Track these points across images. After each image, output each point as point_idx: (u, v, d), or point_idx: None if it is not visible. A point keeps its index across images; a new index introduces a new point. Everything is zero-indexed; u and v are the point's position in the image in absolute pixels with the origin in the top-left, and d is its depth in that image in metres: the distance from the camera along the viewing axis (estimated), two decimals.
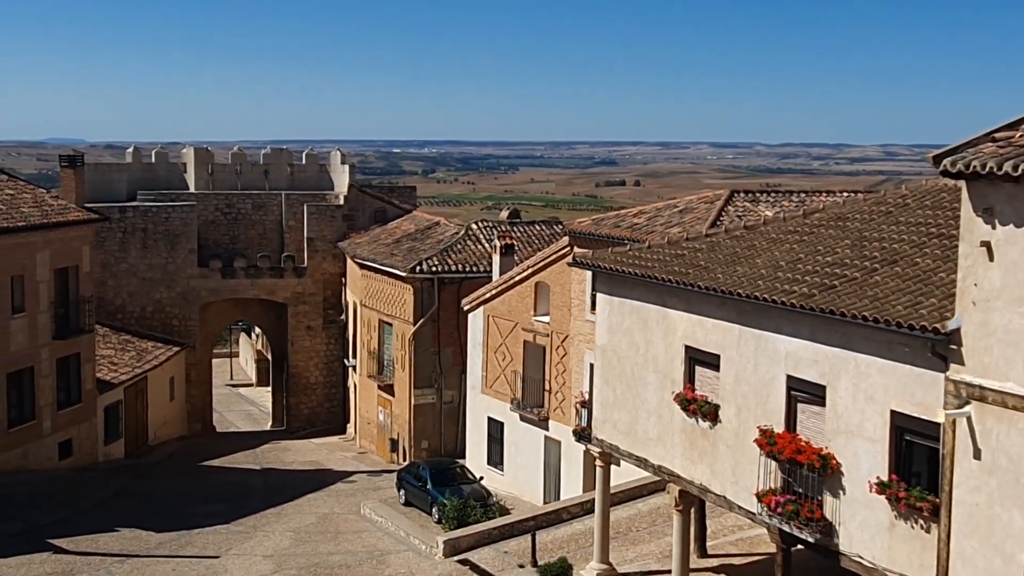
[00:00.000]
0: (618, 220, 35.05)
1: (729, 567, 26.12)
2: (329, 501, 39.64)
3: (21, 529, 33.24)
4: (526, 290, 39.70)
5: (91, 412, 45.27)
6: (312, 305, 59.98)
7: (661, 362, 22.76)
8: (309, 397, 60.67)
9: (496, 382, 41.60)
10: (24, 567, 29.21)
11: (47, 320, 42.03)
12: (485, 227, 49.94)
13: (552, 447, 38.60)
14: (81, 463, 44.19)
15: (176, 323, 57.59)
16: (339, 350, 60.10)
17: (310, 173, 63.19)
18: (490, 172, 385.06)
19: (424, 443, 47.16)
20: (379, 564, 30.52)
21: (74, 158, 52.57)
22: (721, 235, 24.37)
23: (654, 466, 23.32)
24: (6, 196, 42.17)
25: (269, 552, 31.92)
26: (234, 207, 60.38)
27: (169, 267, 57.40)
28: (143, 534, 33.46)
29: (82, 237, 44.74)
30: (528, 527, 30.91)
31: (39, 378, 41.61)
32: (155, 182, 60.78)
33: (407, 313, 47.04)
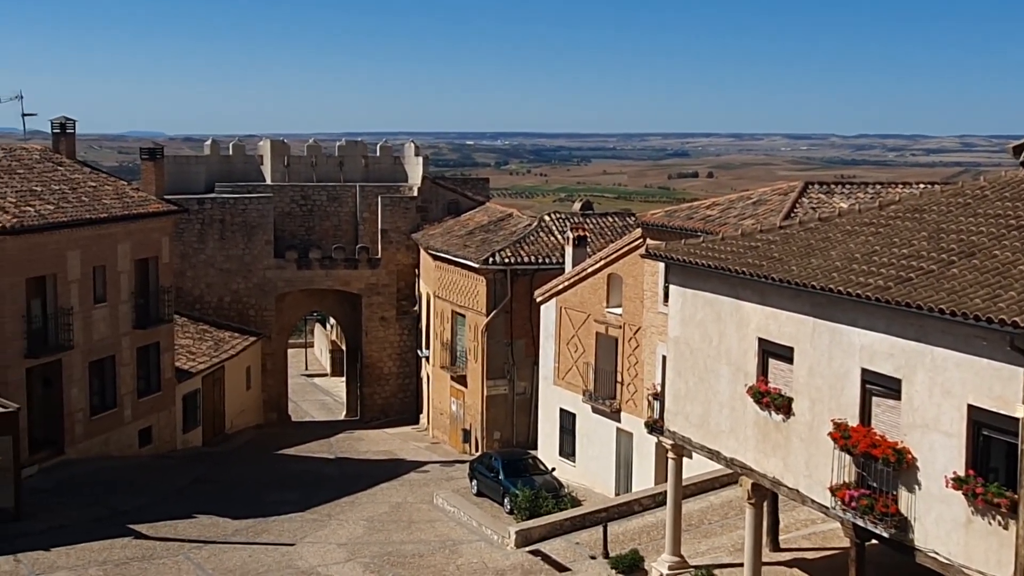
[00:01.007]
0: (691, 212, 34.93)
1: (802, 561, 25.96)
2: (402, 491, 39.95)
3: (104, 514, 33.91)
4: (599, 282, 39.69)
5: (170, 400, 46.05)
6: (386, 296, 60.41)
7: (734, 354, 22.68)
8: (383, 387, 61.15)
9: (568, 373, 41.65)
10: (107, 551, 29.82)
11: (128, 310, 42.81)
12: (558, 219, 49.96)
13: (624, 439, 38.58)
14: (160, 450, 44.98)
15: (252, 313, 58.34)
16: (412, 341, 60.48)
17: (384, 165, 63.60)
18: (562, 164, 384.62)
19: (496, 434, 47.35)
20: (451, 554, 30.72)
21: (154, 151, 53.46)
22: (795, 227, 24.20)
23: (726, 459, 23.25)
24: (89, 188, 43.00)
25: (343, 540, 32.26)
26: (309, 199, 60.97)
27: (246, 258, 58.15)
28: (220, 521, 33.95)
29: (162, 228, 45.48)
30: (600, 519, 30.96)
31: (120, 367, 42.41)
32: (232, 174, 61.57)
33: (480, 304, 47.24)
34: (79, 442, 40.15)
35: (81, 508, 34.29)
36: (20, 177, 40.88)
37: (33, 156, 44.13)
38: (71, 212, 39.90)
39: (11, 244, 36.30)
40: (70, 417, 39.72)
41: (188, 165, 61.41)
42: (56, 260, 38.66)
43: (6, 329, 36.29)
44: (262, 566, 29.19)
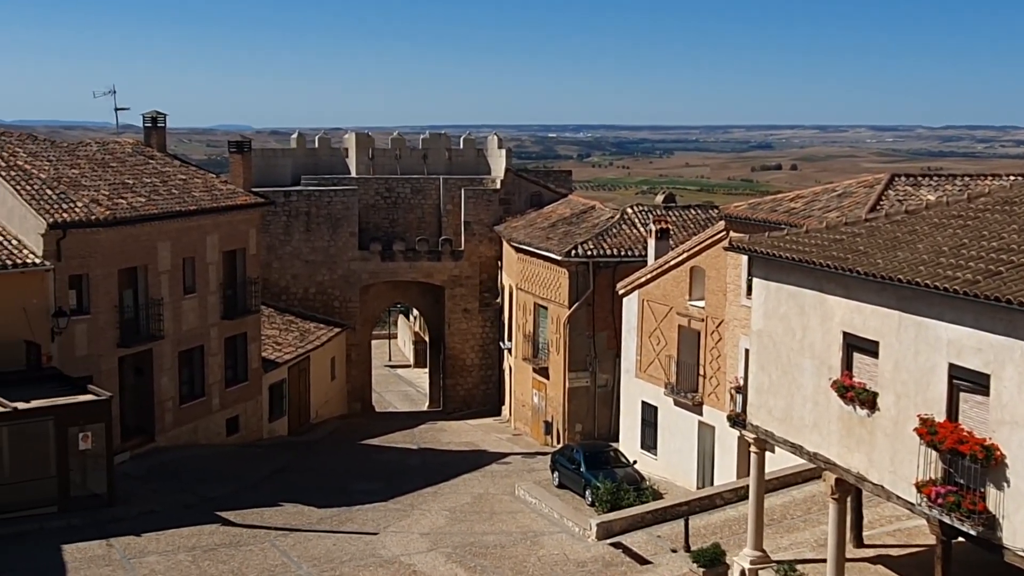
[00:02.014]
0: (775, 204, 34.66)
1: (886, 558, 25.71)
2: (484, 482, 40.18)
3: (192, 501, 34.57)
4: (681, 274, 39.57)
5: (257, 390, 46.76)
6: (468, 288, 60.72)
7: (818, 348, 22.52)
8: (465, 379, 61.49)
9: (650, 366, 41.58)
10: (195, 537, 30.41)
11: (216, 301, 43.55)
12: (640, 211, 49.84)
13: (706, 432, 38.44)
14: (247, 439, 45.69)
15: (337, 305, 59.00)
16: (495, 333, 60.74)
17: (467, 158, 63.89)
18: (645, 156, 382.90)
19: (578, 426, 47.41)
20: (533, 545, 30.85)
21: (242, 144, 54.19)
22: (881, 220, 23.95)
23: (810, 453, 23.11)
24: (179, 181, 43.79)
25: (426, 530, 32.54)
26: (393, 191, 61.47)
27: (331, 250, 58.80)
28: (305, 509, 34.42)
29: (249, 220, 46.16)
30: (681, 512, 30.92)
31: (208, 356, 43.16)
32: (318, 167, 62.28)
33: (562, 297, 47.31)
34: (169, 430, 40.97)
35: (171, 495, 34.98)
36: (113, 170, 41.76)
37: (126, 150, 45.05)
38: (162, 204, 40.69)
39: (104, 236, 37.12)
40: (160, 405, 40.54)
41: (275, 158, 62.22)
42: (147, 251, 39.46)
43: (100, 319, 37.14)
44: (346, 554, 29.56)
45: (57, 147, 42.39)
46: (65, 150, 42.28)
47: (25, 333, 34.47)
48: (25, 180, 36.82)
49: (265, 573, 27.72)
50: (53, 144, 42.85)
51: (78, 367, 35.81)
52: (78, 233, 35.98)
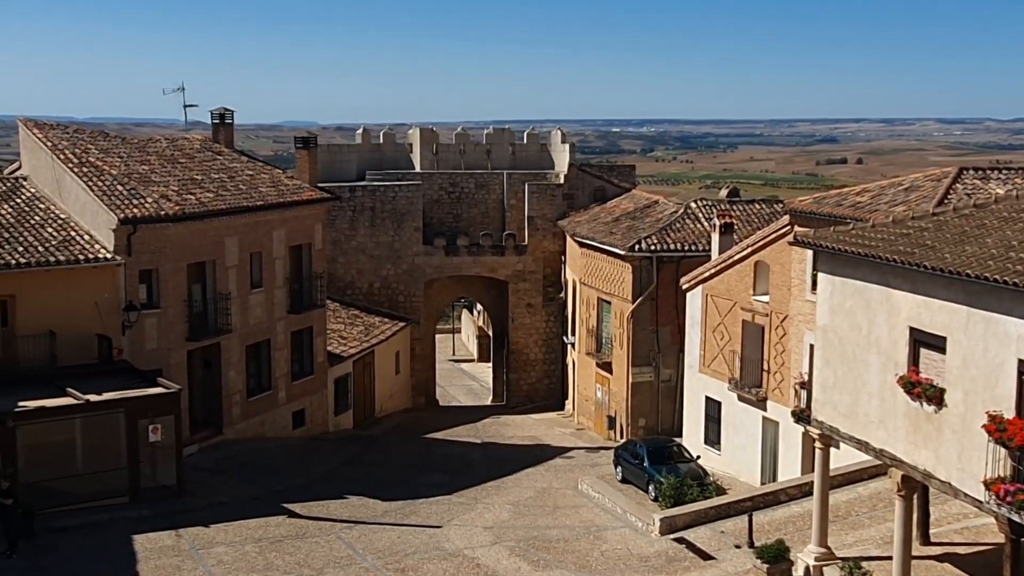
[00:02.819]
0: (840, 199, 34.39)
1: (953, 556, 25.48)
2: (547, 476, 40.27)
3: (259, 493, 35.02)
4: (745, 269, 39.38)
5: (322, 384, 47.19)
6: (532, 283, 60.83)
7: (884, 343, 22.36)
8: (528, 373, 61.62)
9: (714, 361, 41.44)
10: (262, 529, 30.81)
11: (283, 295, 44.01)
12: (704, 206, 49.62)
13: (770, 428, 38.25)
14: (313, 432, 46.14)
15: (402, 299, 59.36)
16: (558, 327, 60.79)
17: (531, 153, 63.99)
18: (709, 150, 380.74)
19: (641, 421, 47.35)
20: (596, 539, 30.91)
21: (308, 140, 54.75)
22: (949, 214, 23.72)
23: (875, 450, 22.96)
24: (246, 176, 44.30)
25: (489, 523, 32.69)
26: (457, 186, 61.72)
27: (395, 244, 59.17)
28: (370, 502, 34.72)
29: (315, 216, 46.58)
30: (745, 508, 30.84)
31: (275, 350, 43.63)
32: (383, 162, 62.68)
33: (626, 291, 47.26)
34: (236, 423, 41.49)
35: (238, 486, 35.46)
36: (182, 166, 42.34)
37: (194, 146, 45.64)
38: (230, 200, 41.19)
39: (174, 231, 37.67)
40: (228, 399, 41.07)
41: (340, 153, 62.73)
42: (215, 246, 39.98)
43: (169, 313, 37.71)
44: (410, 547, 29.79)
45: (128, 144, 43.05)
46: (135, 147, 42.92)
47: (97, 327, 35.08)
48: (97, 176, 37.46)
49: (330, 565, 28.03)
50: (124, 141, 43.52)
51: (148, 360, 36.39)
52: (148, 228, 36.56)
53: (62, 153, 38.09)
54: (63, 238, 35.49)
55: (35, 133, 39.15)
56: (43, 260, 34.08)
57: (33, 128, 39.62)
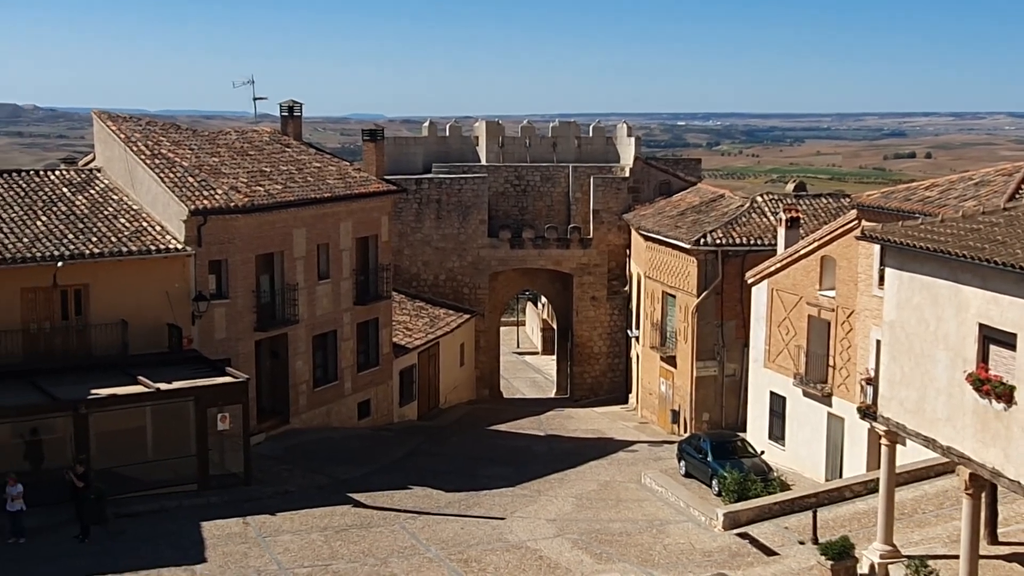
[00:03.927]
0: (908, 193, 34.05)
1: (1022, 556, 25.19)
2: (610, 469, 40.30)
3: (325, 482, 35.42)
4: (811, 264, 39.13)
5: (388, 375, 47.56)
6: (597, 276, 60.81)
7: (952, 340, 22.15)
8: (592, 366, 61.64)
9: (779, 356, 41.22)
10: (328, 518, 31.16)
11: (349, 286, 44.40)
12: (770, 200, 49.32)
13: (835, 424, 37.99)
14: (378, 423, 46.52)
15: (467, 291, 59.62)
16: (622, 321, 60.74)
17: (596, 146, 63.93)
18: (775, 144, 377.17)
19: (705, 415, 47.21)
20: (659, 533, 30.89)
21: (375, 132, 55.02)
22: (1020, 209, 23.43)
23: (943, 447, 22.75)
24: (314, 169, 44.75)
25: (552, 516, 32.79)
26: (523, 179, 61.84)
27: (461, 237, 59.43)
28: (434, 493, 34.96)
29: (381, 208, 46.92)
30: (809, 504, 30.66)
31: (341, 341, 44.04)
32: (449, 155, 62.95)
33: (690, 285, 47.13)
34: (303, 412, 41.96)
35: (304, 475, 35.88)
36: (251, 158, 42.88)
37: (263, 138, 46.19)
38: (298, 192, 41.65)
39: (243, 222, 38.17)
40: (295, 388, 41.55)
41: (407, 146, 63.08)
42: (283, 238, 40.44)
43: (238, 303, 38.23)
44: (473, 538, 29.97)
45: (198, 136, 43.70)
46: (206, 139, 43.56)
47: (168, 316, 35.69)
48: (168, 168, 38.06)
49: (394, 555, 28.29)
50: (195, 133, 44.18)
51: (217, 350, 36.95)
52: (218, 219, 37.09)
53: (135, 145, 38.75)
54: (135, 229, 36.12)
55: (109, 125, 39.85)
56: (116, 250, 34.74)
57: (107, 121, 40.33)
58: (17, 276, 33.14)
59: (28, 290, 33.66)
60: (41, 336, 34.00)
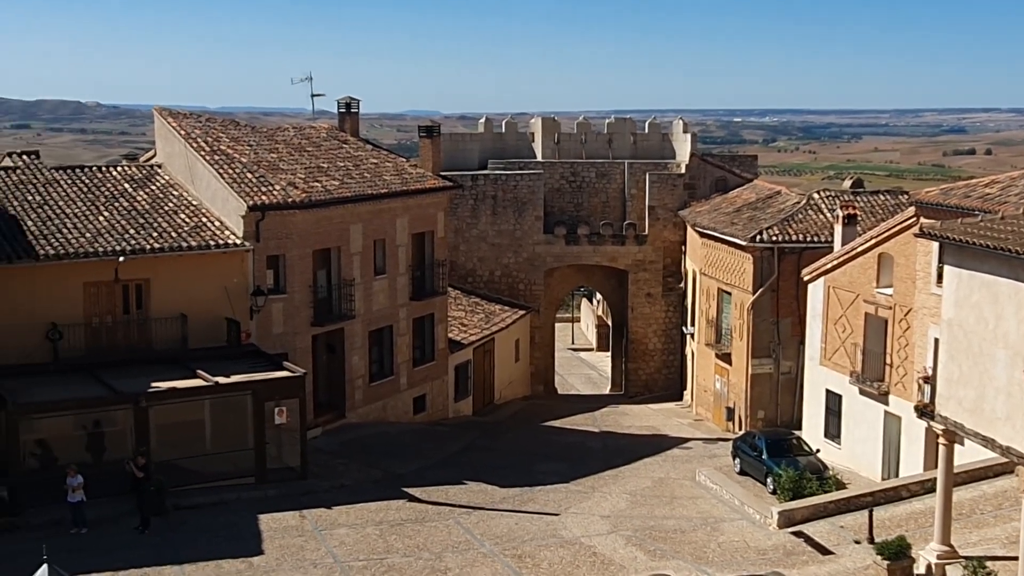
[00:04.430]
0: (968, 190, 33.69)
1: None
2: (665, 466, 40.27)
3: (380, 476, 35.69)
4: (869, 261, 38.84)
5: (443, 370, 47.78)
6: (652, 273, 60.70)
7: (1012, 338, 21.94)
8: (647, 363, 61.54)
9: (835, 354, 40.95)
10: (383, 512, 31.41)
11: (405, 282, 44.65)
12: (827, 197, 48.97)
13: (892, 422, 37.69)
14: (433, 418, 46.75)
15: (522, 287, 59.73)
16: (677, 318, 60.58)
17: (652, 142, 63.79)
18: (832, 141, 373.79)
19: (760, 413, 47.01)
20: (712, 531, 30.86)
21: (431, 129, 55.34)
22: None
23: (1002, 447, 22.53)
24: (371, 165, 45.04)
25: (606, 512, 32.85)
26: (579, 175, 61.83)
27: (516, 233, 59.55)
28: (488, 488, 35.12)
29: (437, 204, 47.13)
30: (865, 503, 30.51)
31: (397, 336, 44.32)
32: (505, 151, 63.08)
33: (746, 282, 46.94)
34: (359, 407, 42.28)
35: (360, 469, 36.19)
36: (309, 154, 43.25)
37: (320, 134, 46.57)
38: (355, 188, 41.95)
39: (300, 218, 38.54)
40: (351, 383, 41.86)
41: (463, 142, 63.28)
42: (340, 233, 40.76)
43: (296, 298, 38.61)
44: (527, 534, 30.09)
45: (257, 132, 44.14)
46: (264, 135, 43.99)
47: (226, 311, 36.11)
48: (227, 164, 38.50)
49: (449, 549, 28.47)
50: (253, 130, 44.63)
51: (274, 344, 37.34)
52: (276, 215, 37.48)
53: (195, 141, 39.23)
54: (195, 224, 36.58)
55: (170, 122, 40.38)
56: (176, 245, 35.21)
57: (168, 117, 40.86)
58: (80, 271, 33.71)
59: (91, 284, 34.22)
60: (103, 330, 34.56)
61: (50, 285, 33.21)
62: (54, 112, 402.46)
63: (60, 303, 33.42)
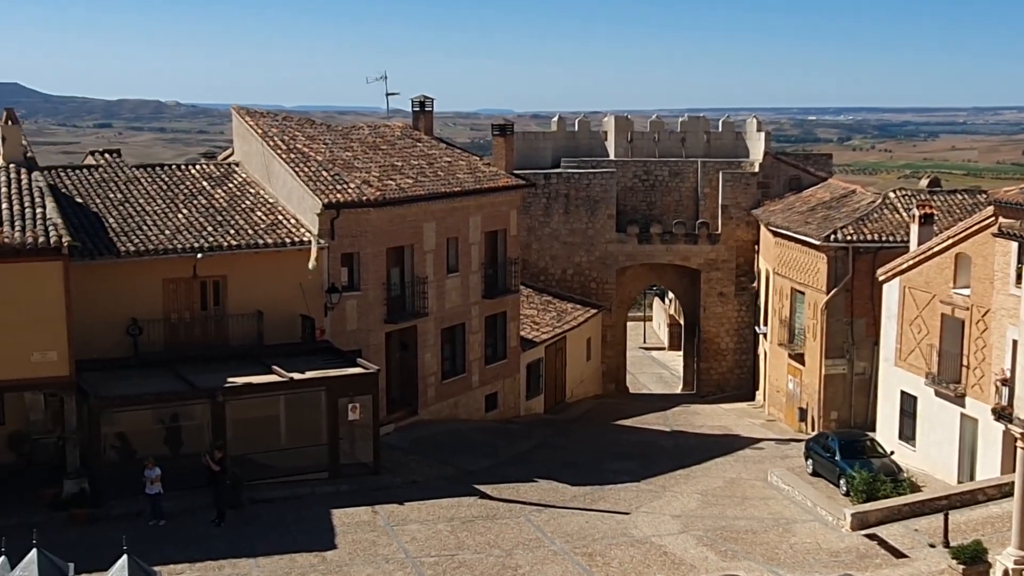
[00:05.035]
0: None
1: None
2: (736, 466, 40.11)
3: (451, 473, 35.93)
4: (945, 261, 38.37)
5: (515, 368, 47.95)
6: (725, 272, 60.42)
7: None
8: (719, 363, 61.26)
9: (910, 355, 40.51)
10: (454, 508, 31.64)
11: (478, 280, 44.87)
12: (903, 196, 48.41)
13: (968, 425, 37.20)
14: (504, 416, 46.94)
15: (594, 286, 59.73)
16: (750, 317, 60.24)
17: (725, 141, 63.46)
18: (908, 139, 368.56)
19: (833, 414, 46.60)
20: (784, 532, 30.72)
21: (504, 127, 55.49)
22: None
23: None
24: (444, 163, 45.33)
25: (677, 512, 32.81)
26: (651, 174, 61.68)
27: (589, 232, 59.55)
28: (559, 486, 35.20)
29: (510, 202, 47.30)
30: (940, 506, 30.23)
31: (469, 334, 44.54)
32: (577, 150, 63.11)
33: (820, 282, 46.56)
34: (431, 404, 42.59)
35: (432, 466, 36.46)
36: (383, 153, 43.64)
37: (395, 133, 46.96)
38: (428, 186, 42.24)
39: (375, 216, 38.91)
40: (423, 380, 42.18)
41: (536, 141, 63.43)
42: (414, 231, 41.08)
43: (369, 296, 39.00)
44: (598, 532, 30.17)
45: (332, 131, 44.62)
46: (340, 134, 44.46)
47: (301, 308, 36.56)
48: (303, 162, 38.98)
49: (519, 547, 28.63)
50: (329, 128, 45.12)
51: (348, 341, 37.73)
52: (350, 213, 37.87)
53: (271, 140, 39.77)
54: (271, 222, 37.08)
55: (247, 121, 40.97)
56: (253, 243, 35.73)
57: (245, 116, 41.46)
58: (159, 267, 34.35)
59: (169, 281, 34.83)
60: (181, 326, 35.15)
61: (130, 281, 33.88)
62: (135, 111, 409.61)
63: (140, 299, 34.07)
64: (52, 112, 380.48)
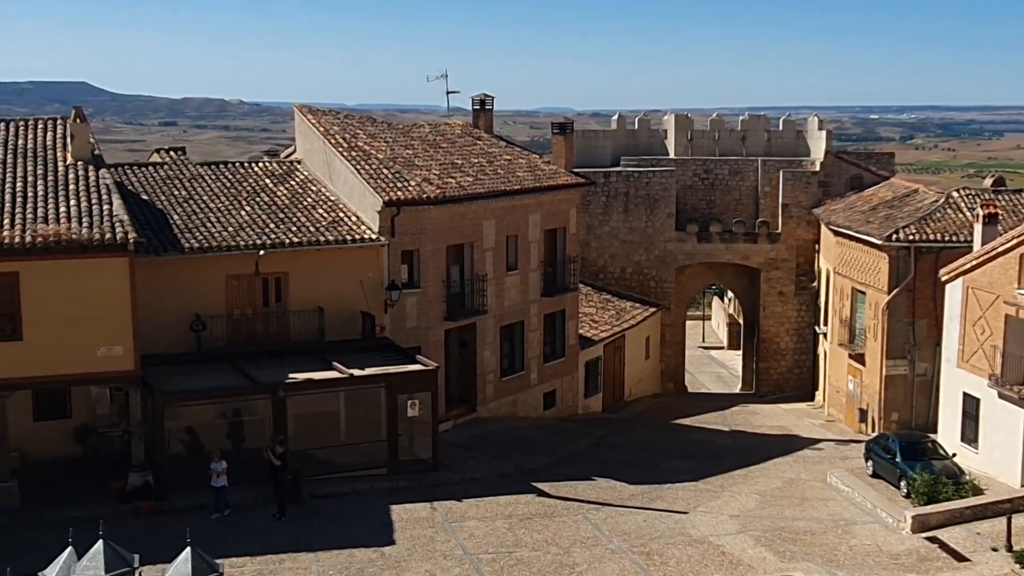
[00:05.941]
0: None
1: None
2: (795, 467, 39.89)
3: (509, 470, 36.06)
4: (1010, 262, 37.90)
5: (573, 366, 48.00)
6: (784, 271, 60.05)
7: None
8: (778, 363, 60.91)
9: (973, 356, 40.06)
10: (512, 506, 31.76)
11: (537, 278, 44.94)
12: (967, 195, 47.86)
13: None
14: (562, 414, 46.98)
15: (653, 285, 59.63)
16: (810, 317, 59.83)
17: (786, 139, 63.03)
18: (972, 138, 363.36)
19: (894, 415, 46.23)
20: (844, 533, 30.53)
21: (564, 126, 55.58)
22: None
23: None
24: (504, 161, 45.46)
25: (735, 512, 32.70)
26: (711, 173, 61.44)
27: (648, 230, 59.46)
28: (617, 485, 35.21)
29: (570, 200, 47.34)
30: (1004, 509, 29.92)
31: (528, 332, 44.66)
32: (637, 148, 63.00)
33: (881, 282, 46.18)
34: (489, 401, 42.75)
35: (490, 463, 36.61)
36: (443, 151, 43.86)
37: (455, 131, 47.16)
38: (488, 184, 42.37)
39: (435, 213, 39.12)
40: (482, 378, 42.35)
41: (595, 139, 63.41)
42: (473, 229, 41.24)
43: (429, 293, 39.22)
44: (655, 531, 30.13)
45: (393, 129, 44.92)
46: (400, 131, 44.75)
47: (361, 304, 36.87)
48: (364, 160, 39.28)
49: (577, 545, 28.67)
50: (389, 126, 45.43)
51: (408, 338, 38.00)
52: (410, 211, 38.09)
53: (333, 138, 40.11)
54: (332, 219, 37.43)
55: (309, 119, 41.37)
56: (314, 240, 36.10)
57: (307, 114, 41.86)
58: (223, 264, 34.80)
59: (232, 277, 35.28)
60: (243, 321, 35.58)
61: (194, 277, 34.39)
62: (199, 110, 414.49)
63: (203, 295, 34.56)
64: (119, 110, 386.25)
